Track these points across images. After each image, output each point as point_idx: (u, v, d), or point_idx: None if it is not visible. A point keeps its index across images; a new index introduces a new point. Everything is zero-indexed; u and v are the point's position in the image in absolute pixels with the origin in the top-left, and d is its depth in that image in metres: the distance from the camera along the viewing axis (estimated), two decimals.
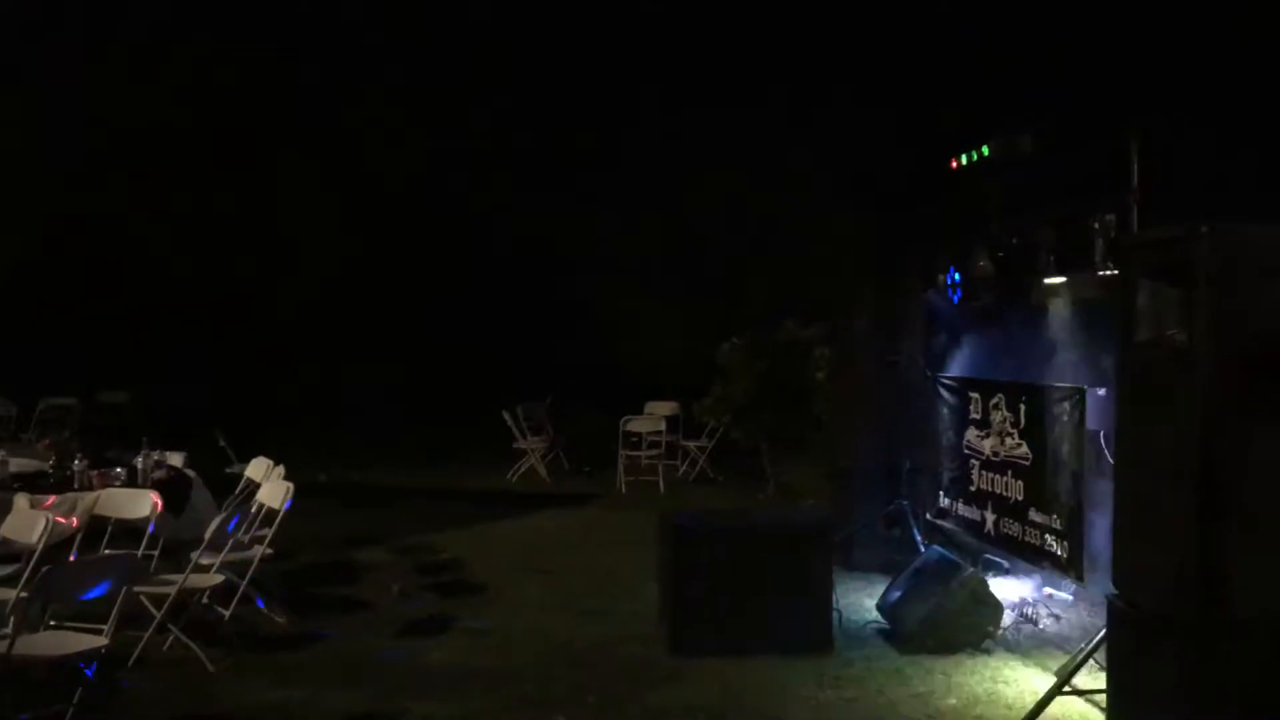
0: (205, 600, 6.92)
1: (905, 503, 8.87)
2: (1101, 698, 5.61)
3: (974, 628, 6.97)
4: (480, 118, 16.81)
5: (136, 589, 6.42)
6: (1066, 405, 6.62)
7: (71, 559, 6.37)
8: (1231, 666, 4.69)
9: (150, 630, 6.46)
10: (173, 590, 6.47)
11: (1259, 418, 4.64)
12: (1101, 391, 6.60)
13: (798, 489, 12.33)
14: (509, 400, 14.34)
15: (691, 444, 14.32)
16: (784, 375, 12.71)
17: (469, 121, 16.82)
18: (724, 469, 14.16)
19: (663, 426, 13.86)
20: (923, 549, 8.30)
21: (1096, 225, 6.22)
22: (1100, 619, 5.78)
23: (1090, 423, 6.46)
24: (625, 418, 13.81)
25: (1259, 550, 4.68)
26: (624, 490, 13.35)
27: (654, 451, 13.83)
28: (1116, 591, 5.27)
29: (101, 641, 5.43)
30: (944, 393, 8.38)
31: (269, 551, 7.31)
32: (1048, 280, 6.96)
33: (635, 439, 13.84)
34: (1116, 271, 5.61)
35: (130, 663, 6.31)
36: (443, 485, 13.59)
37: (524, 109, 16.90)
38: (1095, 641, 5.79)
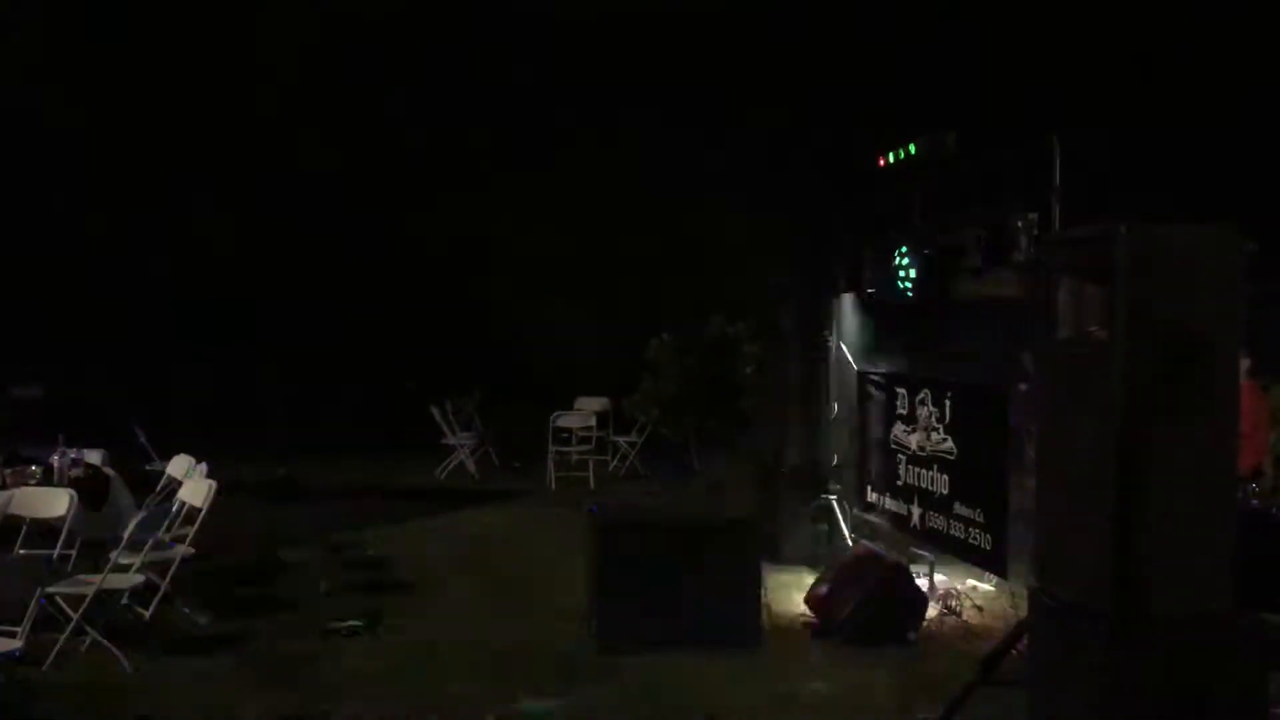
0: (125, 601, 6.77)
1: (833, 497, 8.96)
2: (1023, 688, 5.70)
3: (899, 620, 7.07)
4: (400, 116, 16.65)
5: (52, 590, 6.28)
6: (990, 400, 6.74)
7: None
8: (1146, 658, 4.79)
9: (67, 632, 6.31)
10: (91, 591, 6.31)
11: (1175, 415, 4.74)
12: (1024, 387, 6.72)
13: (726, 484, 12.38)
14: (437, 396, 14.23)
15: (622, 439, 14.32)
16: (712, 371, 12.76)
17: (388, 120, 16.63)
18: (654, 465, 14.18)
19: (593, 422, 13.84)
20: (850, 543, 8.40)
21: (1020, 224, 6.33)
22: (1022, 610, 5.88)
23: (1013, 418, 6.58)
24: (555, 413, 13.77)
25: (1174, 545, 4.78)
26: (554, 486, 13.31)
27: (584, 447, 13.81)
28: (1038, 583, 5.36)
29: (16, 644, 5.28)
30: (871, 388, 8.48)
31: (191, 551, 7.17)
32: (972, 277, 7.06)
33: (565, 434, 13.80)
34: (1039, 269, 5.70)
35: (46, 665, 6.15)
36: (371, 482, 13.43)
37: (446, 109, 16.77)
38: (1016, 632, 5.90)
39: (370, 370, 17.07)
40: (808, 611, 7.53)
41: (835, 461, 9.05)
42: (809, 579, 8.01)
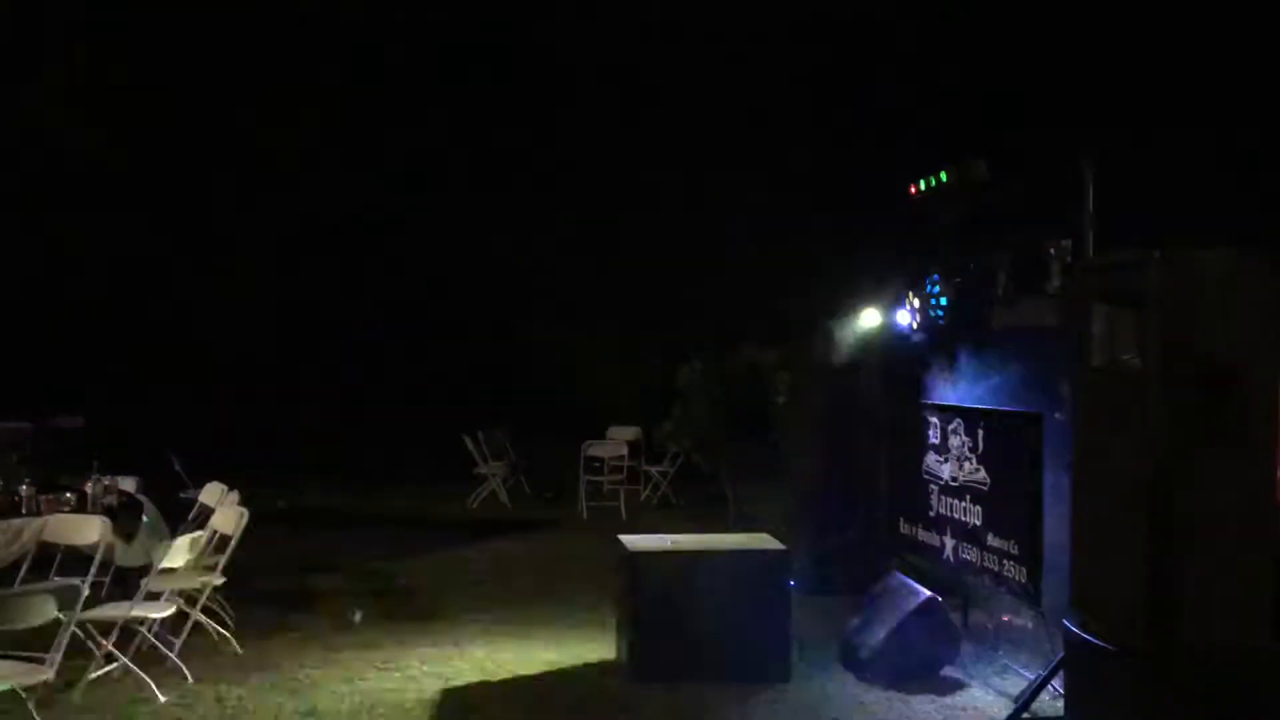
0: (156, 629, 6.79)
1: (865, 528, 8.86)
2: None
3: (932, 654, 6.96)
4: (432, 148, 16.80)
5: (84, 617, 6.31)
6: (1024, 430, 6.64)
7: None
8: (1185, 694, 4.70)
9: (98, 659, 6.33)
10: (121, 618, 6.34)
11: (1211, 444, 4.67)
12: (1059, 416, 6.62)
13: (760, 514, 12.28)
14: (470, 426, 14.26)
15: (653, 469, 14.26)
16: (743, 399, 12.70)
17: (420, 152, 16.79)
18: (686, 494, 14.12)
19: (624, 451, 13.80)
20: (882, 575, 8.28)
21: (1052, 251, 6.27)
22: (1059, 645, 5.78)
23: (1048, 447, 6.48)
24: (587, 442, 13.74)
25: (1212, 577, 4.70)
26: (585, 516, 13.27)
27: (616, 477, 13.76)
28: (1073, 618, 5.27)
29: (47, 673, 5.31)
30: (903, 418, 8.39)
31: (222, 579, 7.19)
32: (1004, 305, 6.99)
33: (597, 464, 13.76)
34: (1072, 297, 5.64)
35: (77, 693, 6.18)
36: (402, 511, 13.46)
37: (476, 140, 16.91)
38: (1052, 668, 5.80)
39: (406, 401, 17.15)
40: (839, 645, 7.43)
41: (868, 492, 8.95)
42: (840, 612, 7.91)
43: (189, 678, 6.57)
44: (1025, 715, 5.87)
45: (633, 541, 7.22)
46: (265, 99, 16.12)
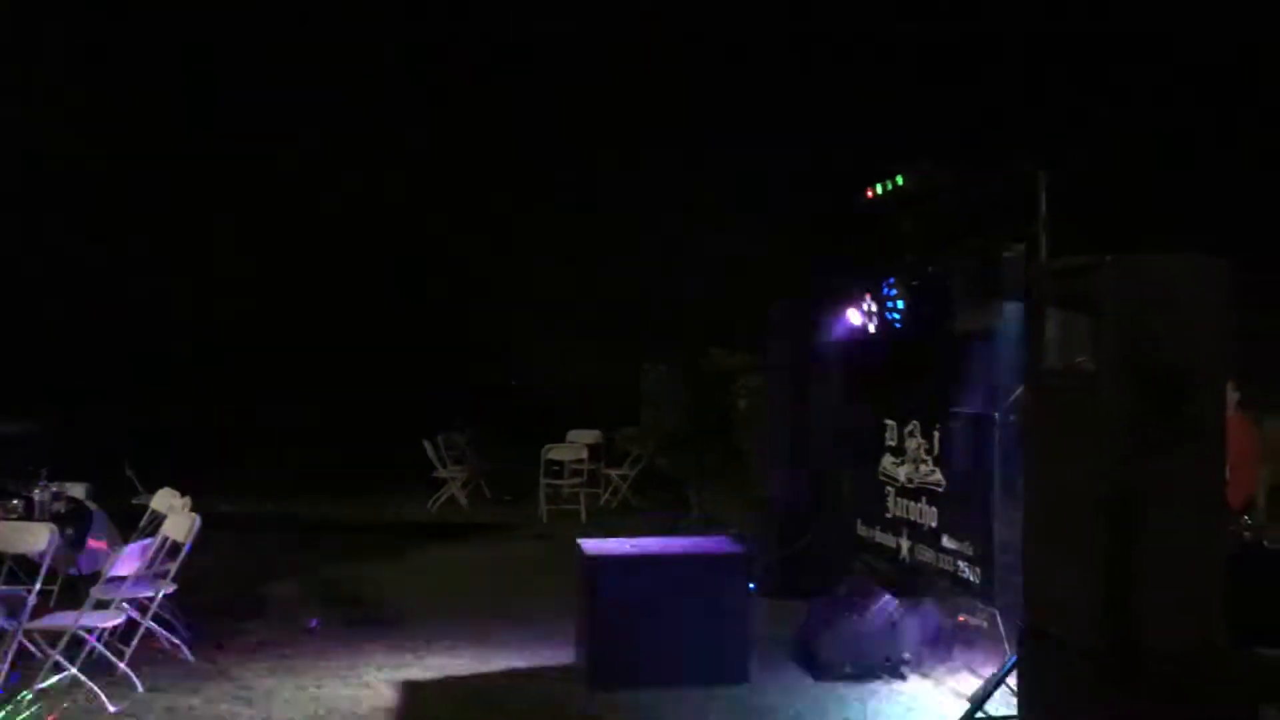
0: (105, 637, 6.68)
1: (823, 530, 8.88)
2: None
3: (889, 654, 6.99)
4: (394, 152, 16.69)
5: (30, 626, 6.20)
6: (979, 432, 6.68)
7: None
8: (1139, 694, 4.73)
9: (45, 669, 6.22)
10: (70, 627, 6.23)
11: (1164, 445, 4.71)
12: (1014, 419, 6.66)
13: (721, 518, 12.31)
14: (429, 430, 14.19)
15: (614, 472, 14.25)
16: (708, 404, 12.72)
17: (386, 158, 16.68)
18: (647, 497, 14.11)
19: (584, 454, 13.77)
20: (840, 576, 8.31)
21: (1007, 255, 6.30)
22: (1014, 644, 5.81)
23: (1003, 450, 6.52)
24: (547, 446, 13.70)
25: (1165, 578, 4.73)
26: (545, 519, 13.22)
27: (576, 480, 13.73)
28: (1027, 618, 5.30)
29: None
30: (860, 420, 8.42)
31: (173, 586, 7.09)
32: (961, 309, 7.01)
33: (557, 467, 13.73)
34: (1026, 300, 5.67)
35: (25, 704, 6.06)
36: (360, 516, 13.35)
37: (438, 145, 16.82)
38: (1007, 668, 5.83)
39: (365, 405, 17.04)
40: (797, 646, 7.45)
41: (826, 494, 8.98)
42: (798, 613, 7.93)
43: (139, 687, 6.46)
44: (979, 715, 5.90)
45: (592, 545, 7.20)
46: (228, 93, 15.95)
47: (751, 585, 7.53)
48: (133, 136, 15.76)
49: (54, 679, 6.30)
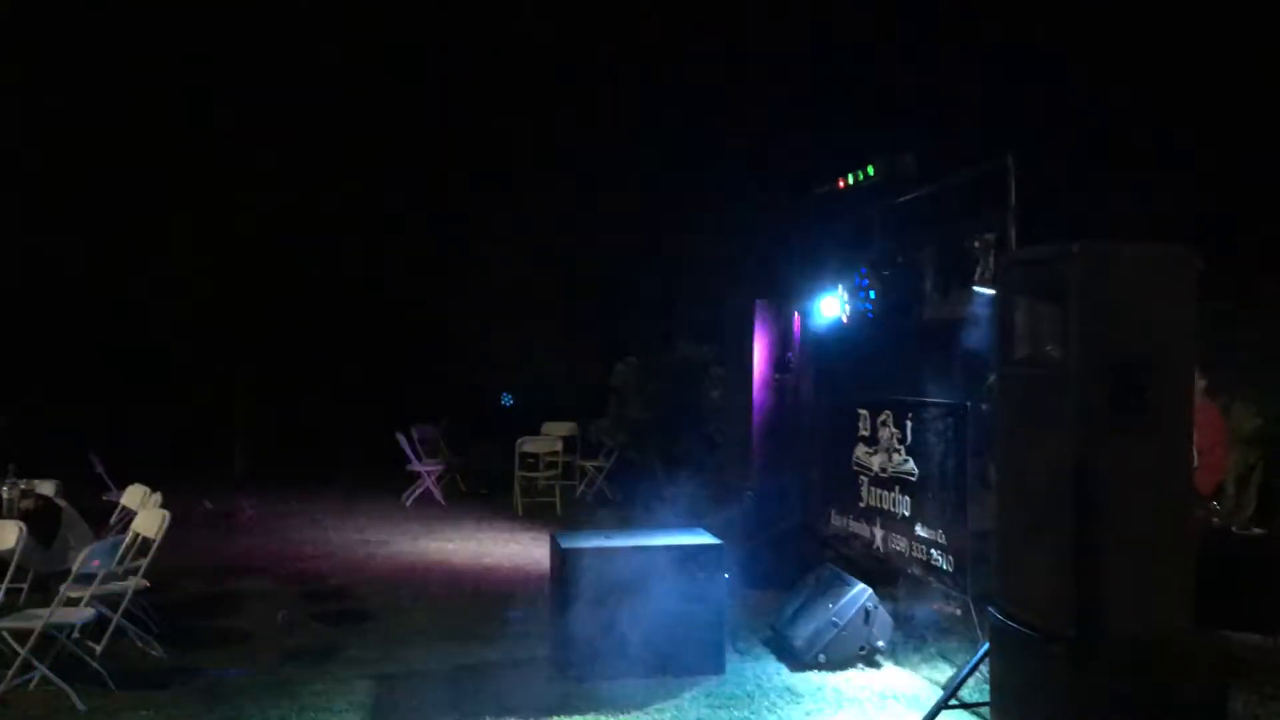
0: (75, 635, 6.62)
1: (797, 520, 8.91)
2: (987, 710, 5.67)
3: (864, 643, 7.02)
4: (366, 141, 16.58)
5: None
6: (951, 421, 6.72)
7: None
8: (1108, 680, 4.77)
9: (14, 668, 6.16)
10: (39, 625, 6.18)
11: (1129, 433, 4.74)
12: (985, 407, 6.70)
13: (695, 509, 12.31)
14: (404, 423, 14.15)
15: (589, 464, 14.25)
16: (679, 395, 12.73)
17: (354, 145, 16.56)
18: (622, 489, 14.11)
19: (559, 447, 13.76)
20: (814, 566, 8.34)
21: (977, 244, 6.33)
22: (987, 632, 5.85)
23: (975, 438, 6.56)
24: (521, 438, 13.68)
25: (1133, 564, 4.77)
26: (521, 512, 13.22)
27: (551, 472, 13.72)
28: (998, 605, 5.34)
29: None
30: (833, 410, 8.45)
31: (144, 582, 7.04)
32: (932, 298, 7.06)
33: (532, 460, 13.72)
34: (995, 289, 5.70)
35: None
36: (334, 510, 13.28)
37: (411, 136, 16.73)
38: (980, 655, 5.87)
39: (339, 400, 16.95)
40: (772, 636, 7.48)
41: (800, 484, 9.01)
42: (773, 603, 7.97)
43: (110, 685, 6.41)
44: (953, 702, 5.94)
45: (566, 537, 7.20)
46: (194, 93, 15.81)
47: (725, 576, 7.55)
48: (92, 129, 15.60)
49: (24, 678, 6.24)
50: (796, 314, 8.92)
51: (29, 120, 15.05)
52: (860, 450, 7.82)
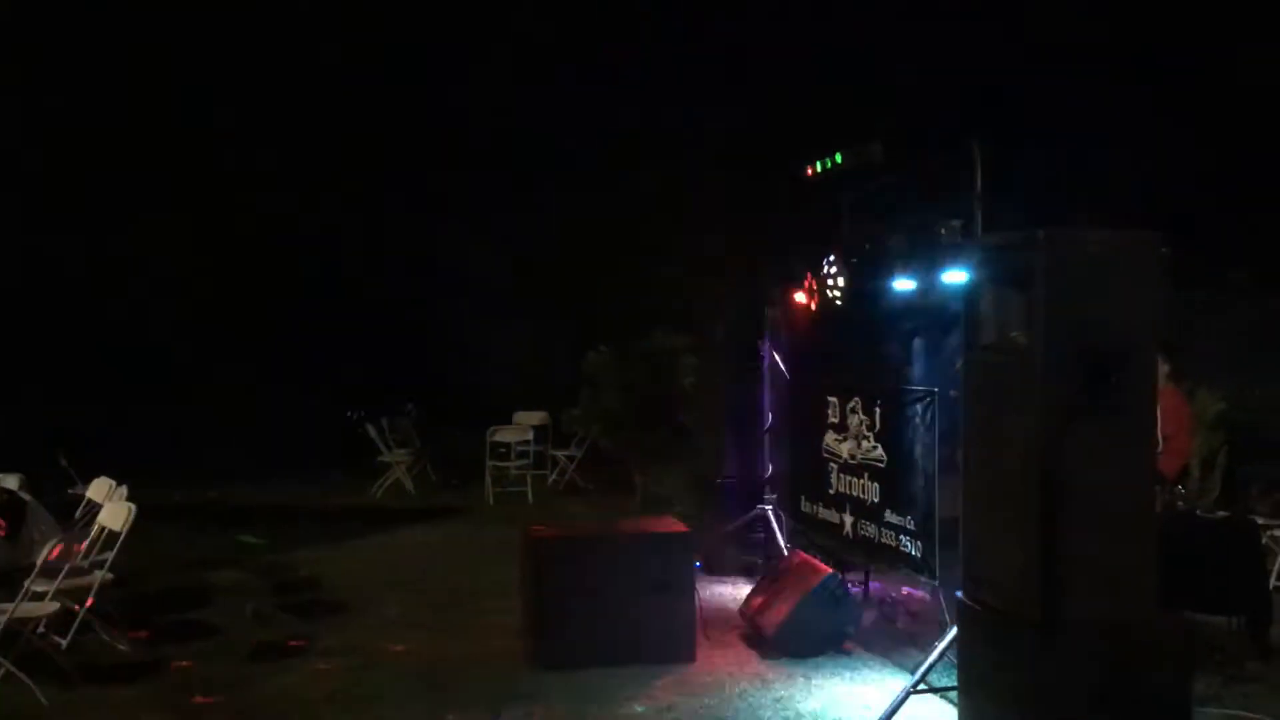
0: (40, 630, 6.56)
1: (768, 507, 8.94)
2: (955, 694, 5.71)
3: (834, 629, 7.06)
4: (340, 129, 16.46)
5: None
6: (919, 408, 6.74)
7: None
8: (1075, 663, 4.81)
9: None
10: (2, 620, 6.11)
11: (1095, 419, 4.77)
12: (954, 393, 6.73)
13: (667, 497, 12.34)
14: (374, 413, 14.07)
15: (561, 454, 14.24)
16: (652, 384, 12.72)
17: (327, 135, 16.44)
18: (594, 478, 14.12)
19: (530, 436, 13.74)
20: (785, 552, 8.38)
21: (944, 231, 6.35)
22: (955, 617, 5.88)
23: (943, 424, 6.58)
24: (492, 428, 13.65)
25: (1099, 550, 4.81)
26: (492, 502, 13.20)
27: (522, 462, 13.70)
28: (966, 589, 5.37)
29: None
30: (803, 397, 8.48)
31: (110, 576, 6.98)
32: (899, 284, 7.07)
33: (503, 449, 13.68)
34: (963, 276, 5.72)
35: None
36: (304, 502, 13.22)
37: (386, 123, 16.62)
38: (948, 639, 5.91)
39: (306, 389, 16.82)
40: (744, 623, 7.50)
41: (770, 471, 9.03)
42: (744, 590, 7.99)
43: (76, 680, 6.35)
44: (922, 686, 5.98)
45: (537, 527, 7.19)
46: (167, 93, 15.66)
47: (697, 564, 7.58)
48: (91, 128, 15.45)
49: None
50: (767, 302, 8.92)
51: (28, 120, 14.88)
52: (830, 437, 7.84)
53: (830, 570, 7.27)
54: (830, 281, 7.61)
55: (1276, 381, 10.07)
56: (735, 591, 8.36)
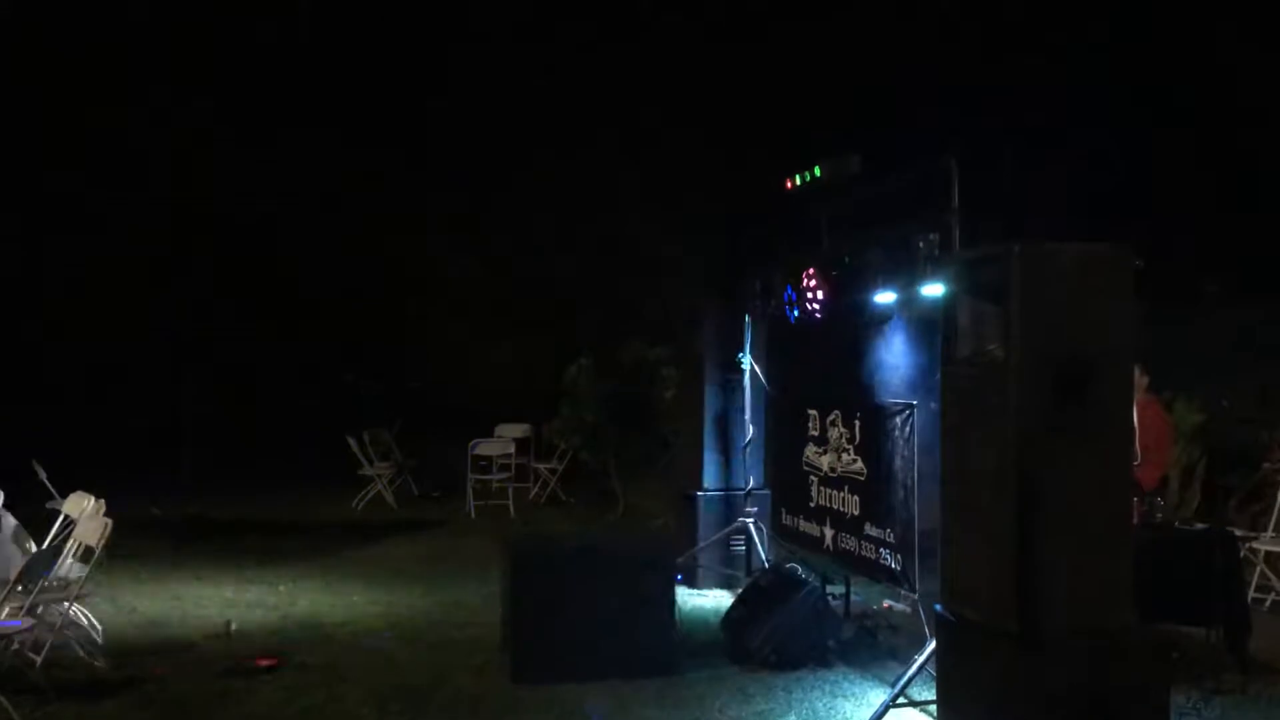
0: (14, 646, 6.50)
1: (749, 520, 8.94)
2: (935, 707, 5.71)
3: (814, 642, 7.05)
4: (314, 144, 16.43)
5: None
6: (899, 421, 6.76)
7: None
8: (1052, 674, 4.82)
9: None
10: None
11: (1071, 431, 4.79)
12: (934, 406, 6.74)
13: (647, 509, 12.33)
14: (355, 426, 14.02)
15: (542, 466, 14.22)
16: (632, 395, 12.73)
17: (305, 149, 16.41)
18: (576, 491, 14.09)
19: (512, 449, 13.72)
20: (765, 565, 8.39)
21: (921, 245, 6.37)
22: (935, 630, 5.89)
23: (924, 437, 6.59)
24: (474, 441, 13.62)
25: (1075, 560, 4.83)
26: (473, 515, 13.16)
27: (504, 475, 13.67)
28: (945, 602, 5.38)
29: None
30: (783, 410, 8.48)
31: (86, 591, 6.92)
32: (878, 298, 7.08)
33: (484, 462, 13.65)
34: (940, 289, 5.74)
35: None
36: (284, 515, 13.15)
37: (361, 139, 16.61)
38: (928, 652, 5.91)
39: (291, 403, 16.78)
40: (723, 636, 7.49)
41: (751, 484, 9.03)
42: (725, 603, 7.98)
43: (51, 697, 6.29)
44: (902, 699, 5.98)
45: (518, 540, 7.17)
46: (129, 91, 15.58)
47: (678, 577, 7.57)
48: (39, 130, 15.36)
49: None
50: (747, 314, 8.93)
51: None
52: (810, 450, 7.85)
53: (811, 583, 7.27)
54: (810, 294, 7.61)
55: (1251, 392, 10.16)
56: (715, 604, 8.35)
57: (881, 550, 6.90)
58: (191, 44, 15.59)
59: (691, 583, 8.94)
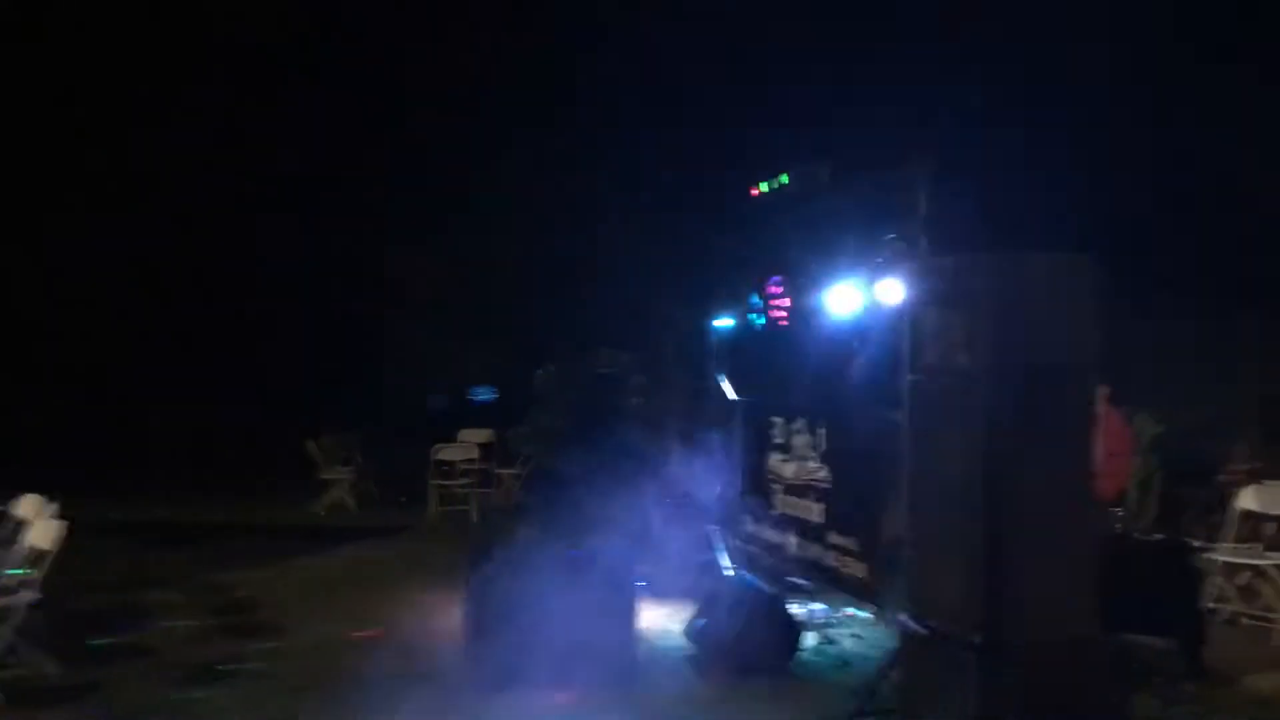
0: None
1: (714, 528, 8.91)
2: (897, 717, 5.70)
3: (777, 651, 7.03)
4: (283, 145, 16.30)
5: None
6: (863, 428, 6.75)
7: None
8: (1016, 684, 4.82)
9: None
10: None
11: (1036, 439, 4.81)
12: (900, 414, 6.74)
13: (609, 518, 12.25)
14: (315, 431, 13.90)
15: (506, 472, 14.13)
16: (598, 403, 12.67)
17: (270, 151, 16.27)
18: (538, 498, 13.99)
19: (475, 454, 13.64)
20: (729, 573, 8.36)
21: (888, 252, 6.37)
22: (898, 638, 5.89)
23: (890, 445, 6.59)
24: (436, 445, 13.53)
25: (1039, 571, 4.84)
26: (436, 520, 13.06)
27: (466, 480, 13.59)
28: (909, 611, 5.38)
29: None
30: (748, 418, 8.47)
31: (38, 596, 6.78)
32: (844, 306, 7.09)
33: (446, 467, 13.57)
34: (907, 297, 5.75)
35: None
36: (244, 519, 13.00)
37: (331, 138, 16.49)
38: (890, 662, 5.90)
39: (250, 406, 16.60)
40: (686, 644, 7.46)
41: (716, 492, 9.01)
42: (688, 612, 7.95)
43: (0, 704, 6.17)
44: (866, 709, 5.97)
45: (478, 547, 7.11)
46: (94, 96, 15.40)
47: (640, 585, 7.53)
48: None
49: None
50: (713, 321, 8.92)
51: None
52: (774, 458, 7.83)
53: (773, 591, 7.25)
54: (775, 301, 7.62)
55: (1209, 404, 10.27)
56: (678, 613, 8.32)
57: (845, 559, 6.89)
58: (160, 47, 15.43)
59: (654, 591, 8.90)
